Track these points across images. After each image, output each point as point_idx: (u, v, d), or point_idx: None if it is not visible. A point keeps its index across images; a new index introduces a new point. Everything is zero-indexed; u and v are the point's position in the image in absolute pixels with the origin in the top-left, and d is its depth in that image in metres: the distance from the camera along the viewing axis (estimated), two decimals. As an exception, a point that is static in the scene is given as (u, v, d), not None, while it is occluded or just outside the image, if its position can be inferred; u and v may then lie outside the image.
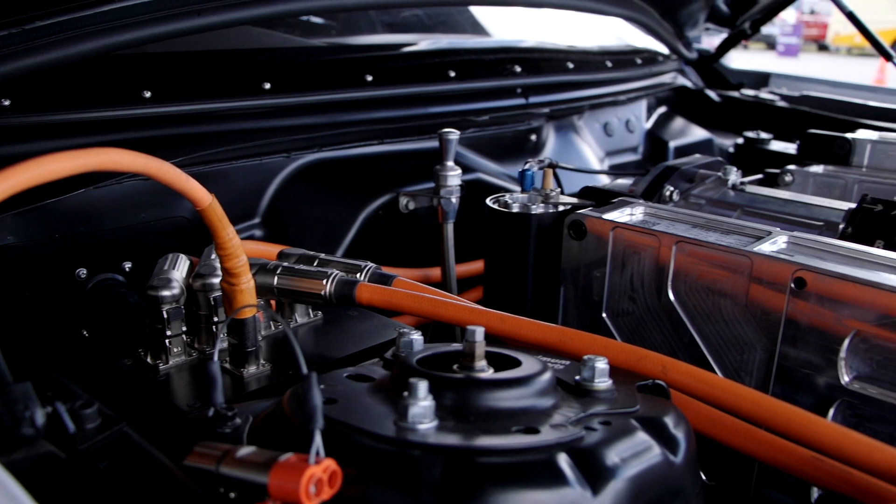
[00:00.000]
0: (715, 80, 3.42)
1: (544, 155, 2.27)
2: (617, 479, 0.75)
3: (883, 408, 1.07)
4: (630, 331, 1.29)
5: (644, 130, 2.82)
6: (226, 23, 1.61)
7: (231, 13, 1.61)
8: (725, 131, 3.04)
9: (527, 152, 2.18)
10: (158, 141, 1.59)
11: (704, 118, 3.16)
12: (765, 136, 2.57)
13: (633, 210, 1.33)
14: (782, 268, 1.11)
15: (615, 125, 2.65)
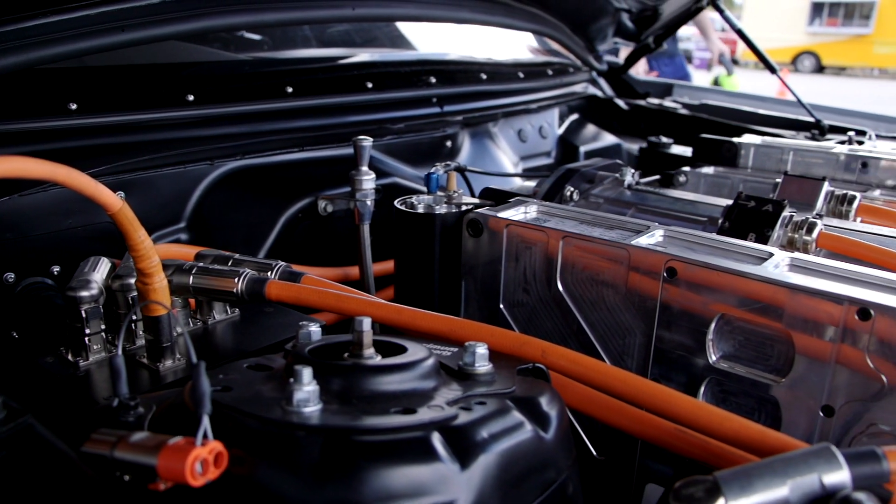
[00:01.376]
0: (624, 90, 3.48)
1: (459, 159, 2.29)
2: (487, 454, 0.77)
3: (745, 383, 1.10)
4: (525, 320, 1.31)
5: (556, 136, 2.86)
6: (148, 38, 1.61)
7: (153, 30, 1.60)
8: (633, 136, 3.09)
9: (442, 157, 2.20)
10: (84, 151, 1.58)
11: (614, 124, 3.21)
12: (666, 141, 2.62)
13: (527, 209, 1.35)
14: (656, 258, 1.13)
15: (529, 131, 2.68)
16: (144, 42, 1.59)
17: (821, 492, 0.74)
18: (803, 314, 1.02)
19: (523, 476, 0.81)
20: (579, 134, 2.94)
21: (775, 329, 1.06)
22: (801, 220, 1.47)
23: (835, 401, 1.02)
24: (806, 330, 1.02)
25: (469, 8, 2.39)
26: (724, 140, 2.24)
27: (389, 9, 2.11)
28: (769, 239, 1.45)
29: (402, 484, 0.71)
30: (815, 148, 2.18)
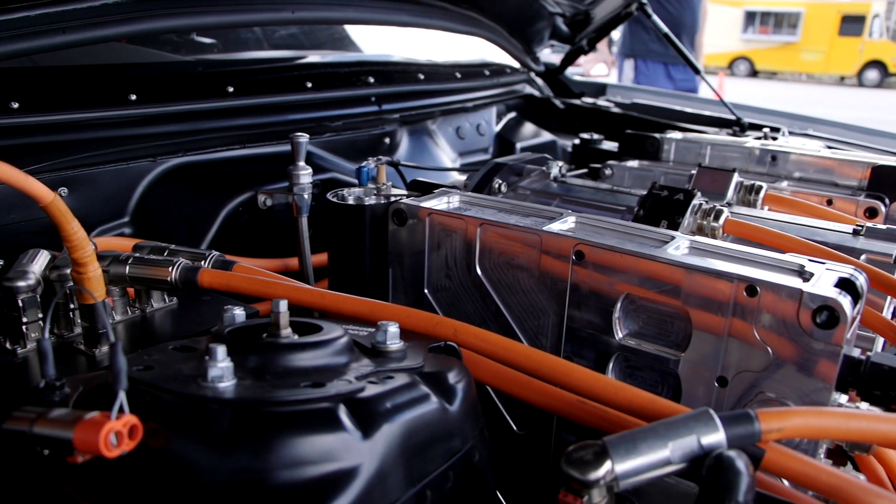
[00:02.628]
0: (561, 90, 3.51)
1: (398, 155, 2.30)
2: (391, 424, 0.78)
3: (649, 358, 1.13)
4: (448, 304, 1.32)
5: (494, 134, 2.88)
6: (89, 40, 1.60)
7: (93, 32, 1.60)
8: (569, 134, 3.12)
9: (381, 153, 2.20)
10: (27, 148, 1.57)
11: (551, 123, 3.24)
12: (597, 137, 2.65)
13: (449, 199, 1.37)
14: (565, 243, 1.15)
15: (467, 129, 2.70)
16: (85, 44, 1.58)
17: (699, 451, 0.77)
18: (698, 292, 1.05)
19: (427, 444, 0.83)
20: (516, 131, 2.97)
21: (674, 307, 1.09)
22: (709, 208, 1.50)
23: (728, 372, 1.05)
24: (701, 307, 1.05)
25: (407, 11, 2.40)
26: (648, 135, 2.28)
27: (328, 12, 2.11)
28: (680, 226, 1.48)
29: (307, 451, 0.72)
30: (731, 143, 2.23)
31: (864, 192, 2.01)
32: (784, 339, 1.00)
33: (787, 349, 1.00)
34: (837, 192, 1.99)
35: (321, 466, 0.72)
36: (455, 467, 0.86)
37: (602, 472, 0.74)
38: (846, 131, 3.07)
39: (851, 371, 0.99)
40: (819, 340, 0.97)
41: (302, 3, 2.03)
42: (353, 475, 0.73)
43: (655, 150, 2.27)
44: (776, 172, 2.15)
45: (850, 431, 0.81)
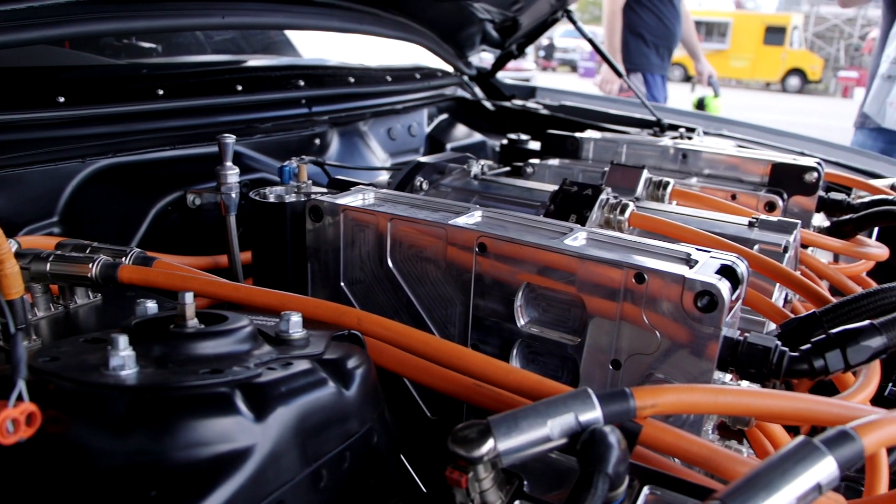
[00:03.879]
0: (493, 93, 3.53)
1: (329, 156, 2.30)
2: (286, 407, 0.79)
3: (549, 344, 1.15)
4: (363, 296, 1.33)
5: (425, 135, 2.88)
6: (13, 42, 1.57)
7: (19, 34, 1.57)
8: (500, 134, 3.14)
9: (311, 154, 2.20)
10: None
11: (483, 124, 3.27)
12: (524, 138, 2.68)
13: (365, 195, 1.37)
14: (469, 235, 1.17)
15: (398, 130, 2.70)
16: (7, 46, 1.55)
17: (578, 428, 0.78)
18: (591, 280, 1.07)
19: (323, 426, 0.83)
20: (448, 132, 2.98)
21: (570, 294, 1.11)
22: (616, 203, 1.53)
23: (621, 355, 1.08)
24: (594, 294, 1.07)
25: (338, 17, 2.40)
26: (568, 135, 2.31)
27: (258, 18, 2.10)
28: (588, 219, 1.51)
29: (201, 433, 0.73)
30: (646, 142, 2.27)
31: (765, 187, 2.06)
32: (670, 323, 1.03)
33: (673, 332, 1.03)
34: (741, 187, 2.04)
35: (215, 447, 0.73)
36: (352, 448, 0.87)
37: (485, 450, 0.75)
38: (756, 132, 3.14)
39: (730, 351, 1.02)
40: (701, 323, 1.00)
41: (232, 9, 2.02)
42: (246, 455, 0.74)
43: (575, 149, 2.30)
44: (687, 169, 2.19)
45: (718, 405, 0.84)
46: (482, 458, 0.76)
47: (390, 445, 0.96)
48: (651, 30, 5.65)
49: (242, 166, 1.95)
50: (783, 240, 1.51)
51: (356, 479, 0.88)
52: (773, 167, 2.06)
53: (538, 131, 2.82)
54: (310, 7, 2.27)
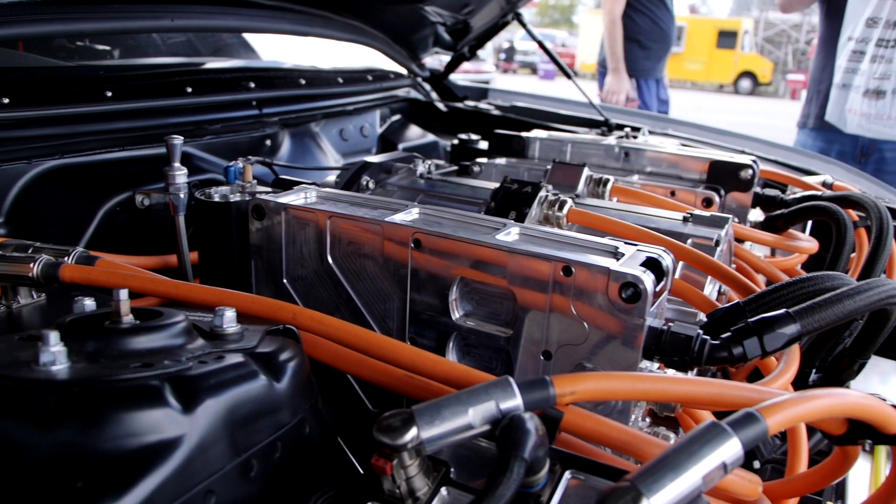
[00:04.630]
0: (446, 94, 3.54)
1: (280, 156, 2.30)
2: (215, 399, 0.80)
3: (483, 337, 1.16)
4: (305, 293, 1.33)
5: (377, 135, 2.89)
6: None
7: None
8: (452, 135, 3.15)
9: (262, 154, 2.19)
10: None
11: (436, 125, 3.28)
12: (474, 138, 2.69)
13: (307, 194, 1.37)
14: (404, 231, 1.18)
15: (350, 131, 2.71)
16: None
17: (498, 415, 0.80)
18: (522, 273, 1.09)
19: (253, 418, 0.84)
20: (400, 133, 2.99)
21: (502, 287, 1.12)
22: (554, 200, 1.55)
23: (552, 346, 1.09)
24: (525, 286, 1.09)
25: (289, 20, 2.39)
26: (514, 135, 2.33)
27: (208, 21, 2.09)
28: (527, 216, 1.52)
29: (129, 425, 0.73)
30: (590, 140, 2.30)
31: (703, 184, 2.09)
32: (597, 314, 1.04)
33: (600, 323, 1.05)
34: (681, 184, 2.08)
35: (143, 438, 0.73)
36: (283, 439, 0.88)
37: (408, 438, 0.76)
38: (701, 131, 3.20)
39: (655, 340, 1.04)
40: (626, 314, 1.02)
41: (181, 12, 2.00)
42: (174, 445, 0.75)
43: (521, 148, 2.32)
44: (629, 167, 2.23)
45: (635, 392, 0.86)
46: (406, 445, 0.76)
47: (324, 436, 0.96)
48: (647, 34, 5.61)
49: (193, 167, 1.95)
50: (715, 234, 1.54)
51: (288, 468, 0.89)
52: (711, 165, 2.10)
53: (490, 131, 2.84)
54: (260, 10, 2.26)
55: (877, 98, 3.83)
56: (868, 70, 3.84)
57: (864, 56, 3.85)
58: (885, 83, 3.80)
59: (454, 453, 0.89)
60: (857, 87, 3.91)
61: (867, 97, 3.87)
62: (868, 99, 3.87)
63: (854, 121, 3.96)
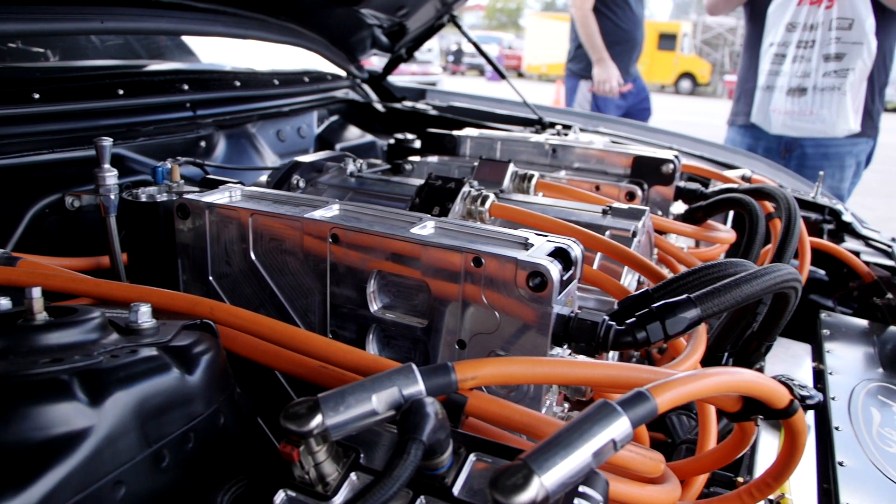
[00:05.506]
0: (384, 95, 3.55)
1: (215, 157, 2.28)
2: (124, 392, 0.80)
3: (401, 328, 1.17)
4: (230, 289, 1.33)
5: (315, 136, 2.88)
6: None
7: None
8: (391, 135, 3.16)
9: (197, 156, 2.18)
10: None
11: (375, 125, 3.28)
12: (410, 137, 2.70)
13: (232, 193, 1.37)
14: (322, 227, 1.19)
15: (287, 132, 2.70)
16: None
17: (402, 401, 0.81)
18: (434, 265, 1.10)
19: (164, 409, 0.85)
20: (338, 133, 2.99)
21: (416, 279, 1.14)
22: (477, 195, 1.57)
23: (465, 335, 1.11)
24: (438, 278, 1.11)
25: (223, 23, 2.38)
26: (446, 133, 2.35)
27: (140, 23, 2.07)
28: (450, 211, 1.54)
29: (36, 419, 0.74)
30: (519, 138, 2.33)
31: (627, 178, 2.14)
32: (507, 302, 1.07)
33: (510, 311, 1.07)
34: (606, 179, 2.11)
35: (49, 431, 0.74)
36: (196, 429, 0.89)
37: (314, 424, 0.77)
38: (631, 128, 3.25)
39: (563, 327, 1.07)
40: (534, 302, 1.04)
41: (112, 14, 1.98)
42: (82, 437, 0.75)
43: (453, 146, 2.34)
44: (557, 163, 2.26)
45: (535, 376, 0.88)
46: (311, 432, 0.77)
47: (240, 426, 0.97)
48: (607, 35, 5.57)
49: (126, 169, 1.93)
50: (632, 226, 1.57)
51: (201, 458, 0.89)
52: (635, 160, 2.14)
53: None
54: (194, 13, 2.25)
55: (799, 95, 3.96)
56: (790, 70, 3.97)
57: (785, 58, 3.98)
58: (806, 80, 3.93)
59: (366, 439, 0.90)
60: (780, 88, 4.04)
61: (790, 95, 3.99)
62: (791, 97, 3.99)
63: (778, 120, 4.08)
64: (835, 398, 1.73)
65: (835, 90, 3.87)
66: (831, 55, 3.84)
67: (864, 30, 3.73)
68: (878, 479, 1.42)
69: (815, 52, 3.86)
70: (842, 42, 3.80)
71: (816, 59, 3.87)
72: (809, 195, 2.71)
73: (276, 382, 1.33)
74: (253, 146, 2.47)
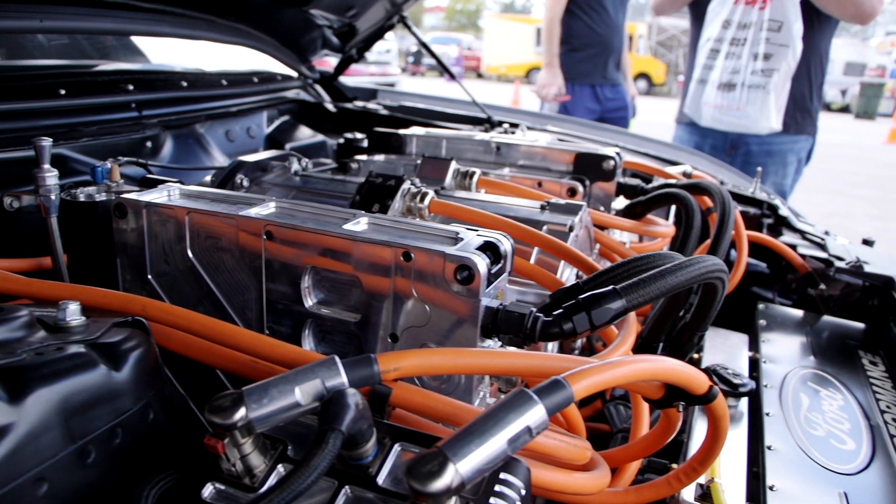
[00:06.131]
0: (337, 95, 3.55)
1: (162, 158, 2.26)
2: (47, 388, 0.80)
3: (335, 322, 1.18)
4: (169, 287, 1.33)
5: (264, 136, 2.87)
6: None
7: None
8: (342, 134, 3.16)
9: (143, 156, 2.16)
10: None
11: (327, 125, 3.27)
12: (359, 136, 2.71)
13: (170, 192, 1.37)
14: (257, 224, 1.19)
15: (237, 132, 2.68)
16: None
17: (325, 393, 0.82)
18: (366, 260, 1.11)
19: (89, 405, 0.84)
20: (289, 133, 2.98)
21: (349, 274, 1.14)
22: (416, 192, 1.58)
23: (398, 329, 1.12)
24: (369, 272, 1.12)
25: (169, 23, 2.36)
26: (392, 132, 2.36)
27: (81, 22, 2.04)
28: (389, 208, 1.55)
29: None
30: (464, 136, 2.34)
31: (570, 175, 2.16)
32: (437, 296, 1.08)
33: (440, 304, 1.08)
34: (549, 175, 2.14)
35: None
36: (124, 425, 0.89)
37: (237, 417, 0.78)
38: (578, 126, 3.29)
39: (491, 319, 1.08)
40: (462, 295, 1.06)
41: (52, 13, 1.95)
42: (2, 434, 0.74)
43: (399, 145, 2.35)
44: (502, 161, 2.28)
45: (457, 366, 0.90)
46: (235, 424, 0.78)
47: (171, 421, 0.97)
48: (580, 38, 5.56)
49: (69, 169, 1.90)
50: (569, 220, 1.59)
51: (130, 454, 0.89)
52: (577, 157, 2.17)
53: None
54: (138, 13, 2.22)
55: (728, 91, 4.06)
56: (722, 66, 4.07)
57: (719, 54, 4.08)
58: (735, 77, 4.03)
59: (295, 432, 0.90)
60: (712, 82, 4.14)
61: (720, 90, 4.10)
62: (721, 92, 4.10)
63: (708, 113, 4.18)
64: (767, 385, 1.77)
65: (760, 88, 3.98)
66: (759, 54, 3.94)
67: (791, 33, 3.83)
68: (803, 461, 1.46)
69: (746, 51, 3.96)
70: (770, 43, 3.90)
71: (746, 57, 3.97)
72: (749, 190, 2.77)
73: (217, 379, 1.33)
74: (201, 146, 2.45)
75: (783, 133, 4.11)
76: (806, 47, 3.88)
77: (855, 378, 1.86)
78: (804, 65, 3.97)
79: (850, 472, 1.45)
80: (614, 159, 2.14)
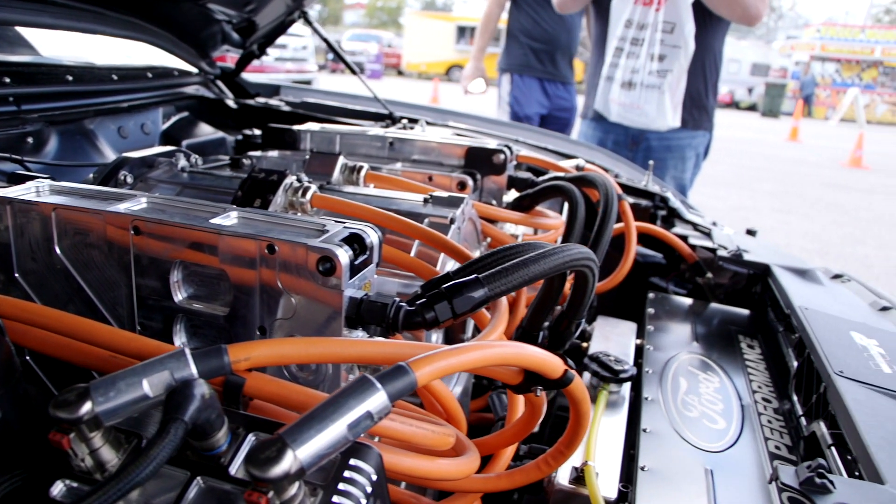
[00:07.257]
0: (239, 91, 3.51)
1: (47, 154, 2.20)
2: None
3: (206, 317, 1.18)
4: (38, 285, 1.30)
5: (160, 133, 2.82)
6: None
7: None
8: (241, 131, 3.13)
9: (25, 152, 2.10)
10: None
11: (228, 122, 3.24)
12: (257, 132, 2.69)
13: (39, 188, 1.34)
14: (124, 219, 1.18)
15: (130, 129, 2.62)
16: None
17: (174, 384, 0.82)
18: (231, 253, 1.12)
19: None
20: (187, 130, 2.93)
21: (216, 267, 1.14)
22: (298, 187, 1.58)
23: (266, 321, 1.13)
24: (235, 265, 1.12)
25: (51, 14, 2.29)
26: (286, 128, 2.35)
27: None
28: (271, 203, 1.55)
29: None
30: (358, 132, 2.36)
31: (461, 168, 2.20)
32: (302, 287, 1.09)
33: (305, 295, 1.09)
34: (441, 170, 2.17)
35: None
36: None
37: (83, 411, 0.78)
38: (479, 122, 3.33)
39: (355, 310, 1.10)
40: (325, 286, 1.07)
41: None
42: None
43: (293, 140, 2.35)
44: (395, 156, 2.30)
45: (310, 355, 0.91)
46: (81, 419, 0.78)
47: (21, 420, 0.96)
48: (526, 32, 5.64)
49: (-58, 167, 1.84)
50: (450, 213, 1.63)
51: (-23, 453, 0.88)
52: (468, 151, 2.21)
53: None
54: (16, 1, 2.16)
55: (629, 89, 4.18)
56: (624, 65, 4.18)
57: (622, 52, 4.18)
58: (635, 76, 4.16)
59: (149, 423, 0.90)
60: (617, 80, 4.25)
61: (623, 88, 4.22)
62: (623, 90, 4.22)
63: (615, 110, 4.30)
64: (650, 371, 1.84)
65: (655, 89, 4.12)
66: (655, 55, 4.08)
67: (683, 34, 3.96)
68: (676, 442, 1.53)
69: (644, 51, 4.09)
70: (664, 44, 4.03)
71: (644, 58, 4.10)
72: (641, 183, 2.86)
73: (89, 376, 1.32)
74: (91, 143, 2.39)
75: (681, 129, 4.25)
76: (700, 47, 4.02)
77: (732, 362, 1.95)
78: (699, 63, 4.11)
79: (718, 449, 1.52)
80: (504, 153, 2.18)
